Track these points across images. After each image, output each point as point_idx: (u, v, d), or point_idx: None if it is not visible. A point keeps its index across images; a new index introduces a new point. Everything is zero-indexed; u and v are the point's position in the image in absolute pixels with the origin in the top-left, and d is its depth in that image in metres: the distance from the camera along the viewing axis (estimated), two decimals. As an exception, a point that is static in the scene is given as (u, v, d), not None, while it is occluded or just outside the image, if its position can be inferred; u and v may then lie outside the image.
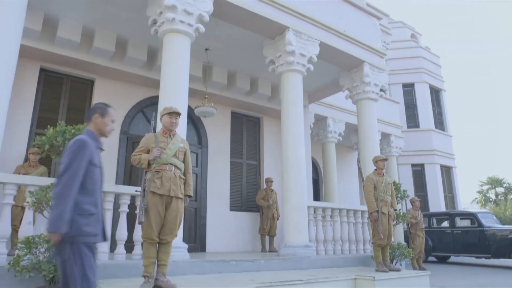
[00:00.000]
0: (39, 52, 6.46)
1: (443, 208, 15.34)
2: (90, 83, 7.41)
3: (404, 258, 6.46)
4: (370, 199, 5.70)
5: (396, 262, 6.59)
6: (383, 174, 5.92)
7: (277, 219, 8.42)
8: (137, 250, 4.65)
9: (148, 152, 3.69)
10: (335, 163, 11.28)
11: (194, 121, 8.50)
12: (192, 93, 7.97)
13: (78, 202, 2.17)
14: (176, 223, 3.59)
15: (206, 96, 7.17)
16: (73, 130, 3.58)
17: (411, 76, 17.28)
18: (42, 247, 3.45)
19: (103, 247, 4.44)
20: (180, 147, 3.78)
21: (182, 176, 3.74)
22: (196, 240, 7.79)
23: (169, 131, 3.81)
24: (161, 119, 3.84)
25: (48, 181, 3.83)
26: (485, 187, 32.41)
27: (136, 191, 3.92)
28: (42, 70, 6.88)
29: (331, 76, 8.66)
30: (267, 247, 8.46)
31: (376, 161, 5.94)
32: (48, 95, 6.92)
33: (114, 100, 7.41)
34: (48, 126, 3.72)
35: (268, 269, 5.31)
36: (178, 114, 3.82)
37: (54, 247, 2.16)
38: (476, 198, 32.59)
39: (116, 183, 7.01)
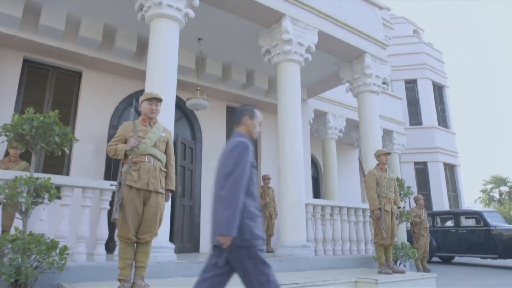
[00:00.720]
0: (21, 41, 6.11)
1: (446, 207, 14.95)
2: (78, 75, 7.06)
3: (408, 259, 6.08)
4: (372, 196, 5.32)
5: (399, 263, 6.21)
6: (386, 169, 5.54)
7: (275, 218, 8.06)
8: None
9: (125, 142, 3.33)
10: (336, 160, 10.91)
11: (188, 116, 8.14)
12: (185, 85, 7.63)
13: (245, 205, 2.14)
14: (155, 220, 3.23)
15: (199, 88, 6.81)
16: (42, 117, 3.22)
17: (413, 72, 16.90)
18: (6, 248, 3.09)
19: (80, 248, 4.09)
20: (161, 137, 3.42)
21: (163, 169, 3.38)
22: (190, 240, 7.42)
23: (149, 119, 3.45)
24: (140, 106, 3.49)
25: (12, 174, 3.47)
26: (488, 186, 31.91)
27: (112, 184, 3.56)
28: (25, 61, 6.53)
29: (331, 68, 8.29)
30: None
31: (378, 155, 5.56)
32: (32, 88, 6.57)
33: (103, 93, 7.07)
34: (14, 113, 3.36)
35: (262, 271, 4.93)
36: (159, 100, 3.46)
37: (224, 251, 2.11)
38: (479, 198, 32.09)
39: (104, 179, 6.65)
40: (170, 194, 3.43)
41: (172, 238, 7.64)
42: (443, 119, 16.93)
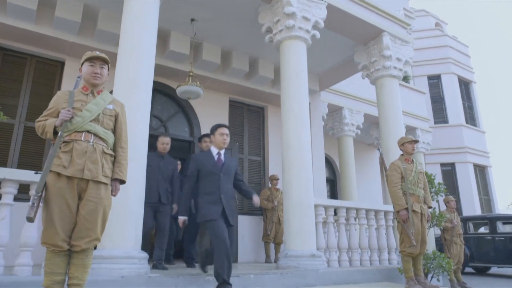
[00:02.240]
0: (-9, 24, 5.44)
1: (478, 212, 13.61)
2: (60, 64, 6.34)
3: (442, 272, 4.99)
4: (396, 193, 4.30)
5: (431, 277, 5.13)
6: (413, 160, 4.53)
7: (284, 224, 7.09)
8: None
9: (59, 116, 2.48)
10: (353, 159, 9.86)
11: (185, 110, 7.31)
12: (180, 74, 6.84)
13: None
14: (95, 220, 2.35)
15: (191, 74, 5.97)
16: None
17: (437, 67, 15.73)
18: None
19: (24, 258, 3.25)
20: (106, 109, 2.56)
21: (108, 151, 2.51)
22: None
23: (91, 86, 2.60)
24: (80, 70, 2.65)
25: None
26: (521, 191, 29.92)
27: (37, 173, 2.72)
28: (1, 48, 5.87)
29: (345, 54, 7.33)
30: (273, 257, 7.14)
31: (403, 143, 4.55)
32: (6, 78, 5.88)
33: (87, 84, 6.33)
34: None
35: (260, 286, 3.99)
36: (104, 61, 2.62)
37: None
38: (512, 203, 30.08)
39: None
40: (119, 185, 2.55)
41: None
42: (471, 117, 15.65)
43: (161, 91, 7.07)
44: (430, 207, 4.51)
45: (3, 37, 5.75)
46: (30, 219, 2.18)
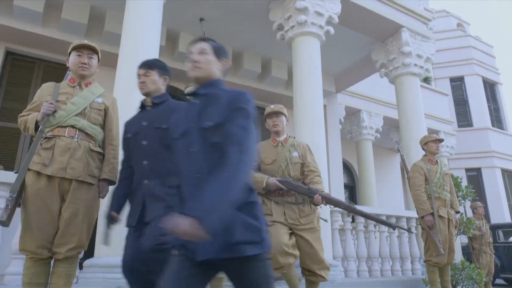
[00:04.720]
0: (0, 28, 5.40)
1: (507, 220, 12.89)
2: (68, 69, 6.26)
3: (472, 284, 4.55)
4: (420, 197, 3.93)
5: (461, 289, 4.70)
6: (437, 161, 4.15)
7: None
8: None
9: (43, 110, 2.27)
10: (373, 164, 9.43)
11: (196, 114, 7.12)
12: (190, 77, 6.64)
13: None
14: (77, 225, 2.11)
15: (200, 75, 5.76)
16: None
17: (459, 68, 15.13)
18: None
19: (15, 266, 3.05)
20: (95, 103, 2.35)
21: (96, 149, 2.28)
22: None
23: (79, 78, 2.40)
24: (67, 61, 2.46)
25: None
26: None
27: (17, 172, 2.52)
28: (9, 53, 5.82)
29: (361, 52, 7.00)
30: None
31: (426, 142, 4.18)
32: (14, 82, 5.82)
33: (96, 87, 6.22)
34: None
35: (270, 298, 3.67)
36: (93, 50, 2.42)
37: None
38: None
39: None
40: (108, 186, 2.31)
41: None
42: (497, 120, 14.95)
43: (171, 95, 6.90)
44: (457, 212, 4.10)
45: (11, 42, 5.69)
46: (3, 223, 1.96)
